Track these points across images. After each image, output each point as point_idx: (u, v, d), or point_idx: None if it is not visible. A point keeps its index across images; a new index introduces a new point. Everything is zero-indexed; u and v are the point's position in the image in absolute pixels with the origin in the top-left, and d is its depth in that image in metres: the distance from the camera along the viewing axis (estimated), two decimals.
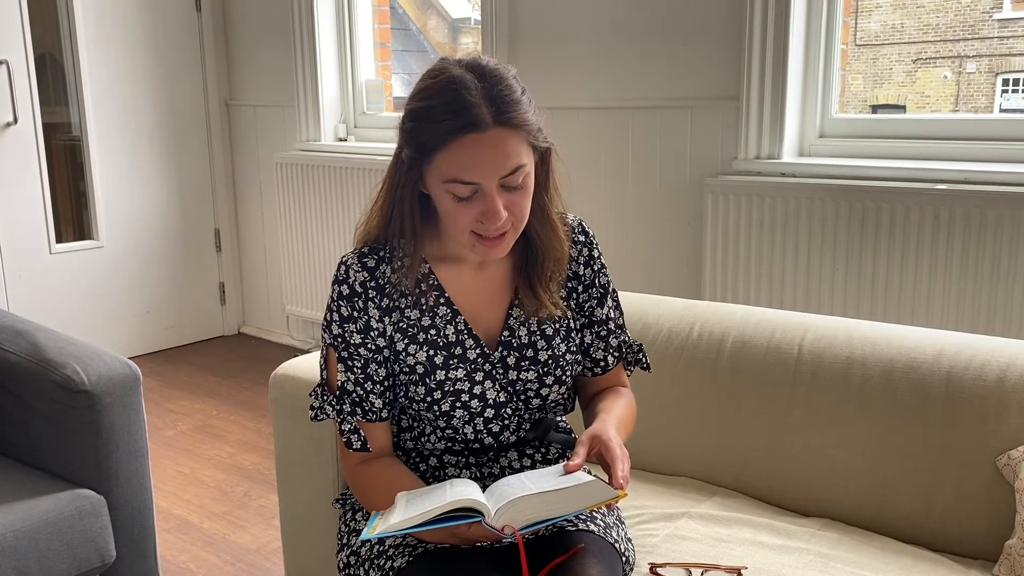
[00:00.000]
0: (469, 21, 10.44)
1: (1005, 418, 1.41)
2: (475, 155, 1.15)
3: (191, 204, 4.12)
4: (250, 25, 3.98)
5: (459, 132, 1.15)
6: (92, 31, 3.70)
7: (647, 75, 2.81)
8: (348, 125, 3.82)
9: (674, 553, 1.39)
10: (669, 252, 2.85)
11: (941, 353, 1.50)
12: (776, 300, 2.51)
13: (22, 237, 3.58)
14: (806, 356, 1.60)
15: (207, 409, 3.39)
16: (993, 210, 2.17)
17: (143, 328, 4.03)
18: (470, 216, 1.19)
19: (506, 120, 1.16)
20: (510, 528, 1.08)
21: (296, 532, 1.71)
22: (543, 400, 1.34)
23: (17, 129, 3.49)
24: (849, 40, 3.38)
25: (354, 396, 1.28)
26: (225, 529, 2.49)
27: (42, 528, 1.62)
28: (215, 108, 4.10)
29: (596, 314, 1.38)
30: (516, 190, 1.19)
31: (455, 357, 1.29)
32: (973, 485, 1.43)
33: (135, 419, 1.80)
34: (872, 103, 11.77)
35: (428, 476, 1.34)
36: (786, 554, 1.39)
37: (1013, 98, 10.93)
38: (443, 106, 1.16)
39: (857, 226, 2.37)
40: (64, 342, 1.83)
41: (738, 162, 2.62)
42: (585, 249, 1.38)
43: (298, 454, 1.65)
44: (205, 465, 2.90)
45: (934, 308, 2.28)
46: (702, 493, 1.61)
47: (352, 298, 1.27)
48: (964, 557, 1.43)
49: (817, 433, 1.56)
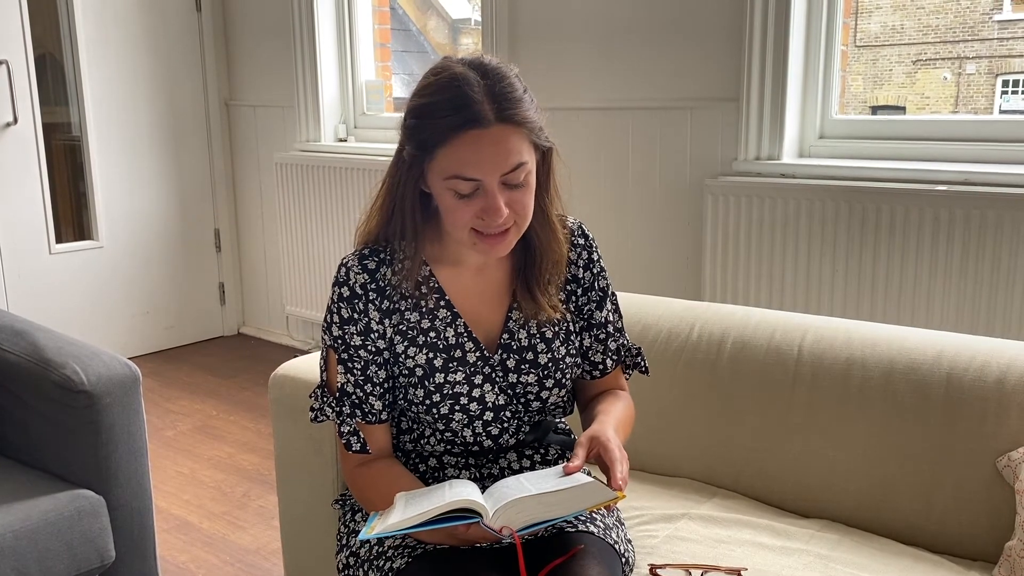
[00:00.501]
0: (469, 22, 10.44)
1: (1005, 419, 1.41)
2: (477, 151, 1.15)
3: (191, 204, 4.11)
4: (250, 25, 3.98)
5: (461, 128, 1.14)
6: (92, 31, 3.69)
7: (647, 76, 2.81)
8: (348, 125, 3.82)
9: (674, 554, 1.38)
10: (669, 253, 2.85)
11: (941, 354, 1.50)
12: (776, 301, 2.51)
13: (22, 237, 3.58)
14: (806, 357, 1.59)
15: (207, 409, 3.39)
16: (993, 211, 2.17)
17: (143, 328, 4.03)
18: (471, 213, 1.19)
19: (508, 117, 1.16)
20: (508, 529, 1.08)
21: (295, 533, 1.70)
22: (543, 403, 1.34)
23: (17, 129, 3.49)
24: (849, 41, 3.39)
25: (354, 398, 1.28)
26: (224, 529, 2.49)
27: (41, 528, 1.62)
28: (215, 108, 4.10)
29: (595, 317, 1.38)
30: (517, 188, 1.19)
31: (455, 360, 1.29)
32: (973, 486, 1.43)
33: (135, 419, 1.80)
34: (872, 104, 11.78)
35: (427, 477, 1.34)
36: (786, 555, 1.39)
37: (1013, 99, 10.93)
38: (445, 102, 1.16)
39: (857, 227, 2.37)
40: (64, 342, 1.83)
41: (738, 163, 2.62)
42: (584, 252, 1.38)
43: (298, 455, 1.65)
44: (205, 465, 2.90)
45: (934, 309, 2.28)
46: (702, 494, 1.61)
47: (352, 300, 1.27)
48: (964, 558, 1.43)
49: (817, 434, 1.56)
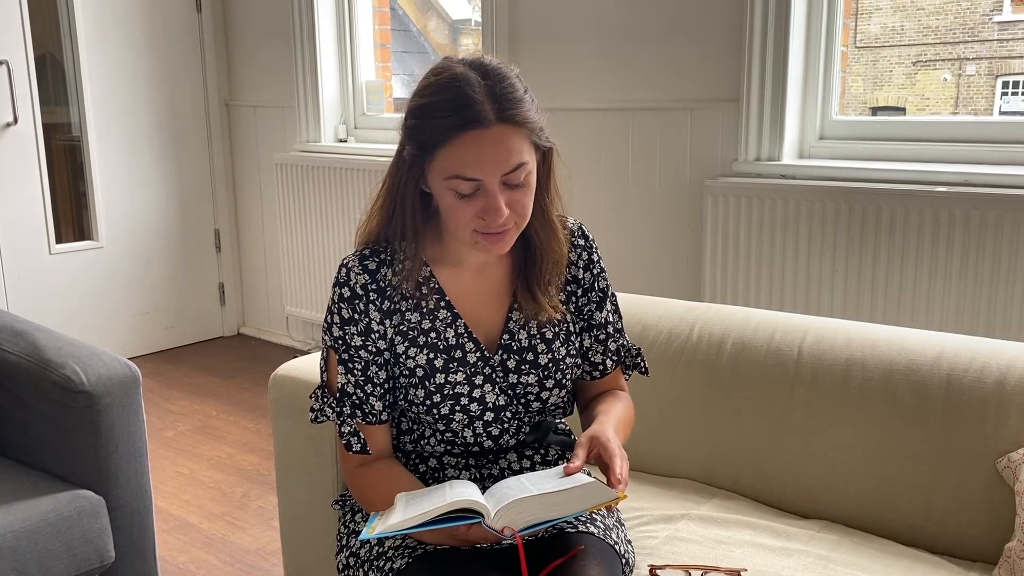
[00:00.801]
0: (469, 22, 10.44)
1: (1005, 420, 1.41)
2: (477, 151, 1.15)
3: (191, 204, 4.11)
4: (250, 25, 3.98)
5: (461, 128, 1.14)
6: (92, 31, 3.70)
7: (647, 76, 2.81)
8: (348, 126, 3.82)
9: (674, 555, 1.38)
10: (669, 253, 2.85)
11: (941, 355, 1.50)
12: (776, 302, 2.51)
13: (22, 237, 3.58)
14: (806, 358, 1.60)
15: (207, 410, 3.39)
16: (993, 212, 2.17)
17: (143, 328, 4.03)
18: (471, 213, 1.19)
19: (509, 117, 1.16)
20: (510, 530, 1.08)
21: (295, 533, 1.70)
22: (543, 403, 1.34)
23: (17, 129, 3.49)
24: (849, 42, 3.39)
25: (354, 398, 1.28)
26: (224, 530, 2.49)
27: (41, 529, 1.61)
28: (215, 108, 4.10)
29: (595, 318, 1.38)
30: (518, 188, 1.19)
31: (455, 360, 1.29)
32: (973, 487, 1.43)
33: (134, 419, 1.80)
34: (872, 105, 11.79)
35: (427, 478, 1.34)
36: (786, 556, 1.39)
37: (1013, 100, 10.95)
38: (446, 103, 1.16)
39: (857, 228, 2.37)
40: (63, 342, 1.83)
41: (738, 164, 2.62)
42: (584, 253, 1.38)
43: (298, 455, 1.65)
44: (204, 466, 2.90)
45: (934, 310, 2.28)
46: (702, 495, 1.61)
47: (353, 300, 1.27)
48: (964, 559, 1.43)
49: (817, 435, 1.56)
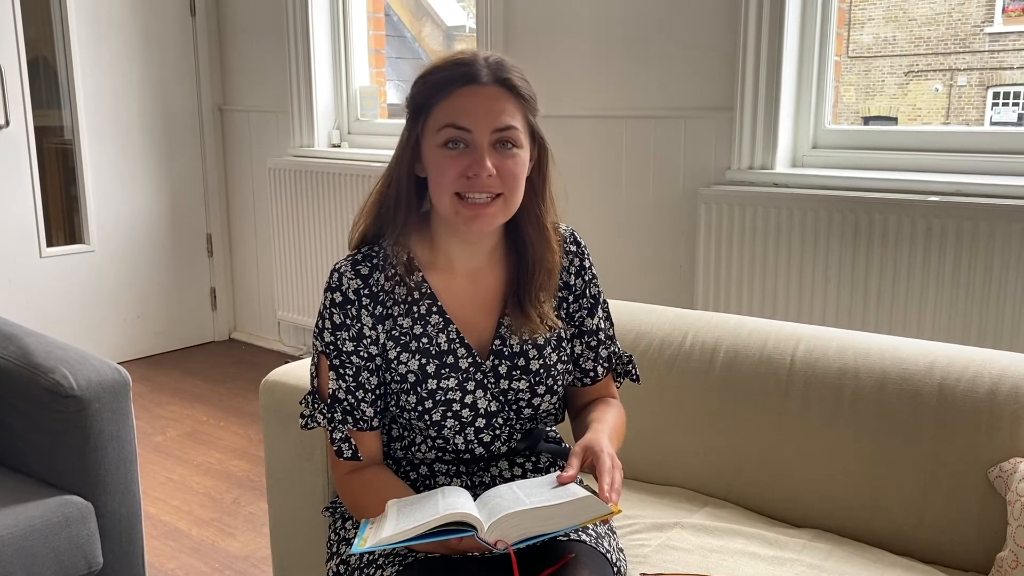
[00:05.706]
0: (464, 28, 10.47)
1: (997, 430, 1.42)
2: (471, 102, 1.21)
3: (183, 209, 4.10)
4: (244, 30, 3.98)
5: (458, 83, 1.21)
6: (86, 35, 3.69)
7: (641, 85, 2.81)
8: (342, 131, 3.82)
9: (666, 563, 1.38)
10: (662, 261, 2.85)
11: (933, 364, 1.51)
12: (769, 310, 2.52)
13: (12, 240, 3.56)
14: (798, 366, 1.59)
15: (197, 415, 3.37)
16: (984, 222, 2.18)
17: (133, 333, 4.01)
18: (457, 170, 1.21)
19: (504, 81, 1.23)
20: (503, 543, 1.07)
21: (285, 540, 1.69)
22: (535, 410, 1.33)
23: (9, 132, 3.48)
24: (842, 52, 3.40)
25: (345, 404, 1.28)
26: (214, 536, 2.47)
27: (29, 535, 1.60)
28: (208, 113, 4.09)
29: (586, 324, 1.38)
30: (508, 151, 1.22)
31: (447, 366, 1.28)
32: (965, 497, 1.43)
33: (124, 425, 1.79)
34: (864, 115, 11.86)
35: (418, 484, 1.33)
36: (778, 565, 1.38)
37: (1003, 111, 11.02)
38: (445, 68, 1.23)
39: (850, 237, 2.37)
40: (53, 346, 1.82)
41: (731, 172, 2.63)
42: (576, 259, 1.38)
43: (288, 461, 1.64)
44: (194, 471, 2.89)
45: (926, 319, 2.29)
46: (694, 503, 1.61)
47: (345, 305, 1.27)
48: (956, 569, 1.43)
49: (809, 443, 1.56)
